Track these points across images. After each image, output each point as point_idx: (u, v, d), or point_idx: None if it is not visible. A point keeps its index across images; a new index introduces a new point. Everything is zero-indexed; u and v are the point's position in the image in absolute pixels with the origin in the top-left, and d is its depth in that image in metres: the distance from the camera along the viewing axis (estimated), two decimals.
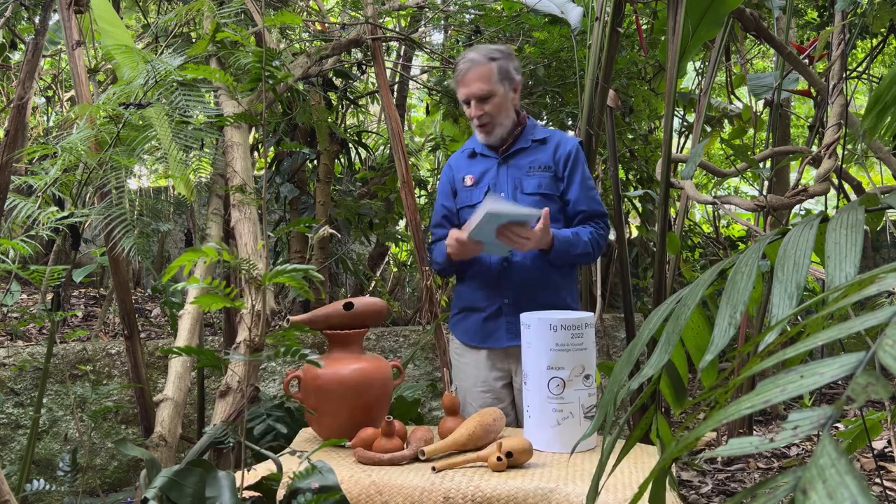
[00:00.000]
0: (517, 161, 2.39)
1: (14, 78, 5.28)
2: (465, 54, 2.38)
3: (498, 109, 2.33)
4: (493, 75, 2.32)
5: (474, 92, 2.31)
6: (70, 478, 1.80)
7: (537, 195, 2.34)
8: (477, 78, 2.31)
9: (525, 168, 2.37)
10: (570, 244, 2.28)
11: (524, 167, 2.37)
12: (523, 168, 2.37)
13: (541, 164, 2.37)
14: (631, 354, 0.98)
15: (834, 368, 0.51)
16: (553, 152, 2.38)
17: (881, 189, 3.06)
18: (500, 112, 2.34)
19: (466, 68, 2.32)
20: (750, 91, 3.56)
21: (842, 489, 0.41)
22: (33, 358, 3.18)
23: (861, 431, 2.29)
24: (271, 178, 4.29)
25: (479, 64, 2.31)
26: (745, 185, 7.04)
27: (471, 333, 2.43)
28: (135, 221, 2.21)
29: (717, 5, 2.53)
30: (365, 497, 1.65)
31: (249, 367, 2.10)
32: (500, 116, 2.34)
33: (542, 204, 2.30)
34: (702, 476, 3.42)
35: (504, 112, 2.35)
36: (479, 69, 2.31)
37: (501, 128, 2.36)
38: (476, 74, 2.31)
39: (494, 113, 2.33)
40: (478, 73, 2.31)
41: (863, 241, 0.80)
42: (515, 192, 2.35)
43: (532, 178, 2.35)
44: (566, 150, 2.38)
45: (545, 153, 2.38)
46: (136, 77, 2.31)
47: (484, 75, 2.31)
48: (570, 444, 1.86)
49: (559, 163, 2.37)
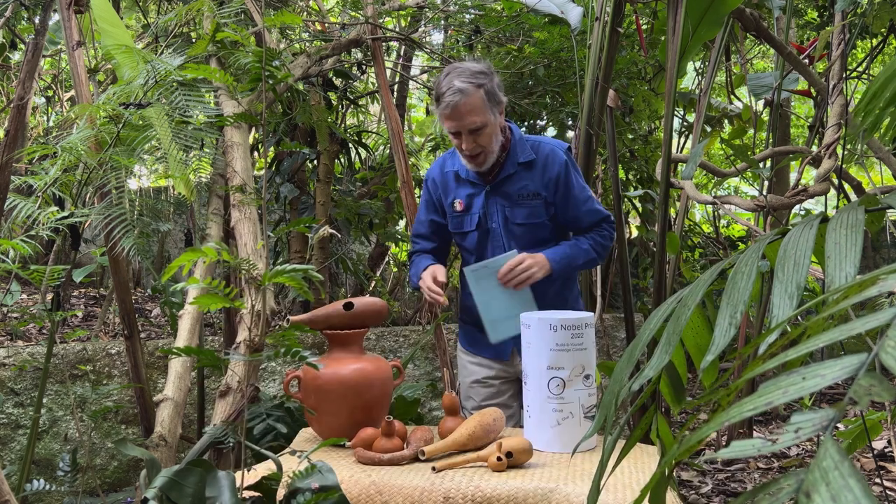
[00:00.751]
0: (505, 189, 2.31)
1: (14, 78, 5.28)
2: (449, 82, 2.17)
3: (489, 140, 2.22)
4: (484, 104, 2.18)
5: (466, 125, 2.17)
6: (70, 478, 1.80)
7: (526, 225, 2.31)
8: (468, 111, 2.16)
9: (514, 196, 2.30)
10: (570, 258, 2.30)
11: (513, 195, 2.30)
12: (512, 196, 2.30)
13: (529, 192, 2.30)
14: (632, 355, 0.98)
15: (835, 370, 0.51)
16: (541, 176, 2.30)
17: (881, 189, 3.06)
18: (491, 142, 2.23)
19: (456, 101, 2.14)
20: (750, 91, 3.56)
21: (846, 492, 0.40)
22: (33, 358, 3.18)
23: (861, 431, 2.29)
24: (271, 178, 4.29)
25: (468, 94, 2.15)
26: (745, 185, 7.04)
27: (474, 344, 2.46)
28: (135, 221, 2.21)
29: (717, 5, 2.53)
30: (365, 497, 1.65)
31: (249, 367, 2.10)
32: (491, 146, 2.24)
33: (531, 233, 2.32)
34: (702, 476, 3.42)
35: (495, 140, 2.25)
36: (469, 100, 2.15)
37: (492, 155, 2.26)
38: (467, 107, 2.15)
39: (486, 144, 2.22)
40: (469, 106, 2.15)
41: (863, 241, 0.80)
42: (506, 223, 2.31)
43: (521, 209, 2.30)
44: (554, 172, 2.30)
45: (533, 179, 2.30)
46: (136, 77, 2.31)
47: (475, 107, 2.16)
48: (570, 444, 1.86)
49: (549, 187, 2.30)
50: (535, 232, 2.32)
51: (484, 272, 2.27)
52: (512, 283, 2.23)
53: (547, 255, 2.26)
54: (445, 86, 2.18)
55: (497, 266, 2.25)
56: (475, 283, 2.27)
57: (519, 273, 2.22)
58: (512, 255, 2.25)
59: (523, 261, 2.23)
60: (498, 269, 2.24)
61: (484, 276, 2.27)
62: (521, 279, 2.22)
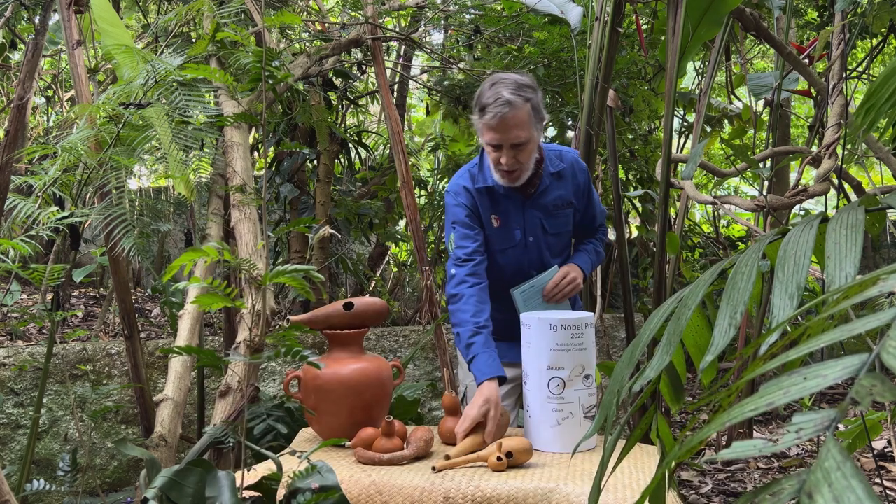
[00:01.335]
0: (542, 201, 2.29)
1: (14, 78, 5.28)
2: (496, 92, 2.08)
3: (529, 156, 2.15)
4: (530, 119, 2.10)
5: (510, 140, 2.09)
6: (70, 478, 1.80)
7: (559, 234, 2.35)
8: (515, 125, 2.07)
9: (549, 207, 2.29)
10: (592, 263, 2.42)
11: (549, 207, 2.29)
12: (548, 208, 2.30)
13: (563, 202, 2.31)
14: (632, 355, 0.98)
15: (837, 370, 0.51)
16: (572, 185, 2.32)
17: (881, 189, 3.06)
18: (530, 158, 2.16)
19: (503, 113, 2.05)
20: (750, 91, 3.56)
21: (848, 493, 0.40)
22: (33, 358, 3.18)
23: (861, 431, 2.29)
24: (271, 178, 4.29)
25: (516, 108, 2.06)
26: (745, 185, 7.04)
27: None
28: (135, 221, 2.21)
29: (717, 5, 2.53)
30: (365, 497, 1.65)
31: (249, 368, 2.10)
32: (529, 162, 2.17)
33: (561, 241, 2.37)
34: (702, 476, 3.42)
35: (533, 157, 2.18)
36: (516, 114, 2.06)
37: (528, 172, 2.19)
38: (514, 121, 2.07)
39: (525, 160, 2.15)
40: (515, 120, 2.07)
41: (863, 241, 0.80)
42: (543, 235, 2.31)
43: (556, 219, 2.31)
44: (581, 179, 2.35)
45: (565, 188, 2.31)
46: (136, 77, 2.31)
47: (522, 122, 2.08)
48: (570, 444, 1.86)
49: (577, 195, 2.35)
50: (563, 240, 2.38)
51: (531, 291, 2.29)
52: (558, 297, 2.27)
53: (578, 264, 2.34)
54: (492, 96, 2.08)
55: (542, 283, 2.27)
56: (523, 303, 2.27)
57: (564, 287, 2.27)
58: (555, 272, 2.28)
59: (567, 275, 2.28)
60: (543, 286, 2.27)
61: (530, 295, 2.29)
62: (566, 293, 2.27)
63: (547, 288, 2.26)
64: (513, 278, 2.31)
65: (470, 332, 2.09)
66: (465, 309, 2.13)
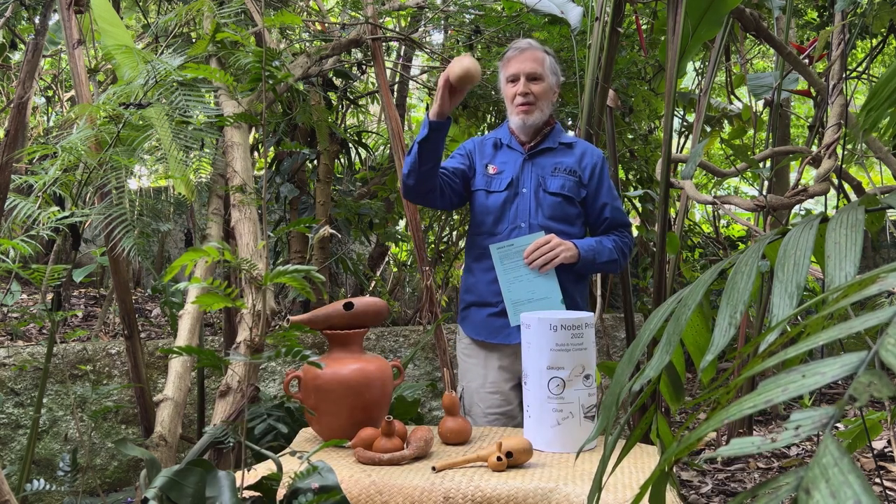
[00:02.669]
0: (542, 160, 2.39)
1: (14, 78, 5.28)
2: (517, 42, 2.43)
3: (543, 94, 2.36)
4: (547, 64, 2.38)
5: (527, 69, 2.35)
6: (70, 478, 1.80)
7: (560, 196, 2.33)
8: (531, 59, 2.35)
9: (549, 168, 2.37)
10: (596, 252, 2.32)
11: (549, 167, 2.37)
12: (548, 167, 2.37)
13: (566, 167, 2.37)
14: (632, 355, 0.98)
15: (835, 368, 0.51)
16: (579, 159, 2.40)
17: (881, 189, 3.06)
18: (543, 98, 2.37)
19: (523, 47, 2.37)
20: (750, 91, 3.56)
21: (845, 488, 0.40)
22: (33, 358, 3.18)
23: (861, 431, 2.29)
24: (271, 178, 4.29)
25: (535, 49, 2.38)
26: (745, 185, 7.04)
27: (479, 328, 2.39)
28: (135, 221, 2.21)
29: (717, 5, 2.53)
30: (365, 497, 1.65)
31: (249, 367, 2.10)
32: (542, 102, 2.37)
33: (561, 207, 2.34)
34: (702, 476, 3.42)
35: (546, 101, 2.38)
36: (535, 53, 2.37)
37: (540, 114, 2.37)
38: (531, 55, 2.36)
39: (539, 95, 2.35)
40: (533, 55, 2.36)
41: (863, 241, 0.80)
42: (538, 190, 2.33)
43: (556, 178, 2.35)
44: (593, 159, 2.40)
45: (571, 157, 2.39)
46: (136, 77, 2.31)
47: (539, 59, 2.36)
48: (570, 444, 1.86)
49: (585, 170, 2.38)
50: (564, 206, 2.34)
51: (510, 250, 2.25)
52: (538, 262, 2.23)
53: (574, 242, 2.29)
54: (514, 42, 2.44)
55: (523, 245, 2.24)
56: (500, 261, 2.25)
57: (546, 252, 2.22)
58: (539, 235, 2.26)
59: (550, 240, 2.24)
60: (523, 248, 2.24)
61: (509, 254, 2.25)
62: (548, 258, 2.22)
63: (528, 249, 2.24)
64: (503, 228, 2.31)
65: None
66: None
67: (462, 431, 1.95)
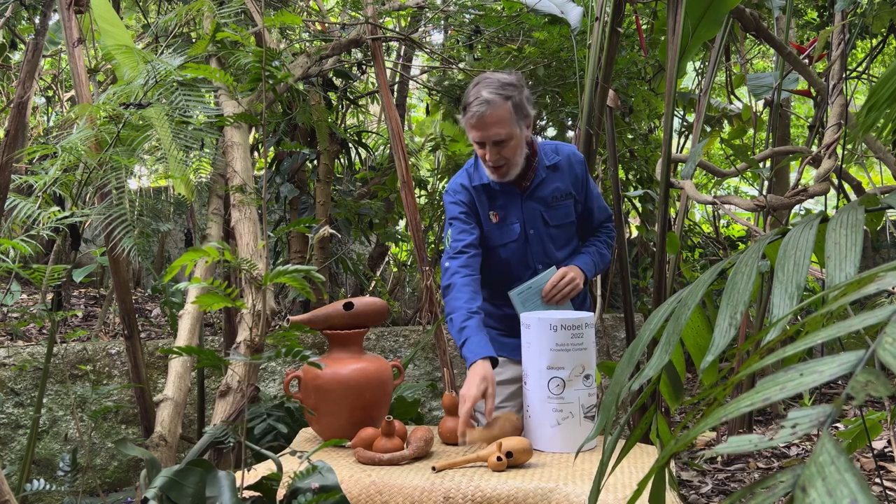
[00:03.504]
0: (540, 194, 2.31)
1: (14, 78, 5.28)
2: (476, 92, 2.17)
3: (514, 152, 2.21)
4: (511, 117, 2.16)
5: (491, 137, 2.16)
6: (70, 478, 1.80)
7: (562, 226, 2.34)
8: (494, 122, 2.14)
9: (549, 199, 2.32)
10: (595, 264, 2.36)
11: (548, 199, 2.32)
12: (547, 199, 2.32)
13: (562, 193, 2.33)
14: (632, 355, 0.98)
15: (833, 366, 0.51)
16: (569, 176, 2.35)
17: (881, 189, 3.06)
18: (516, 154, 2.21)
19: (482, 112, 2.13)
20: (750, 91, 3.56)
21: (841, 486, 0.41)
22: (33, 358, 3.18)
23: (861, 431, 2.29)
24: (271, 178, 4.29)
25: (495, 106, 2.13)
26: (745, 185, 7.04)
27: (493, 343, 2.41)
28: (135, 221, 2.21)
29: (717, 5, 2.53)
30: (365, 497, 1.65)
31: (249, 367, 2.10)
32: (515, 158, 2.22)
33: (565, 234, 2.35)
34: (702, 476, 3.42)
35: (519, 152, 2.23)
36: (495, 112, 2.14)
37: (516, 168, 2.24)
38: (493, 118, 2.14)
39: (510, 156, 2.20)
40: (495, 117, 2.14)
41: (863, 241, 0.80)
42: (544, 227, 2.32)
43: (557, 210, 2.32)
44: (579, 170, 2.37)
45: (562, 180, 2.34)
46: (136, 77, 2.31)
47: (502, 119, 2.15)
48: (570, 444, 1.86)
49: (576, 185, 2.36)
50: (567, 232, 2.36)
51: (528, 293, 2.27)
52: (557, 298, 2.24)
53: (578, 265, 2.30)
54: (473, 96, 2.16)
55: (540, 285, 2.26)
56: (521, 304, 2.26)
57: (563, 288, 2.24)
58: (552, 273, 2.26)
59: (566, 275, 2.25)
60: (541, 288, 2.25)
61: (528, 297, 2.27)
62: (565, 294, 2.24)
63: (545, 289, 2.25)
64: (518, 273, 2.31)
65: (464, 316, 2.11)
66: (458, 297, 2.15)
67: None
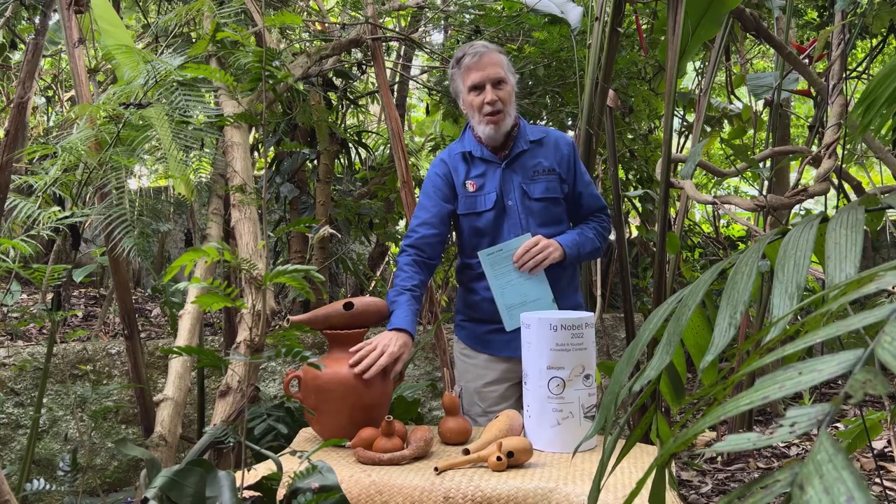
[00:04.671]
0: (521, 164, 2.32)
1: (14, 78, 5.28)
2: (469, 45, 2.33)
3: (510, 98, 2.29)
4: (506, 64, 2.31)
5: (491, 75, 2.26)
6: (70, 478, 1.80)
7: (545, 200, 2.31)
8: (493, 63, 2.27)
9: (530, 171, 2.31)
10: (579, 245, 2.31)
11: (528, 171, 2.31)
12: (528, 171, 2.31)
13: (544, 168, 2.32)
14: (631, 355, 0.98)
15: (832, 365, 0.51)
16: (553, 153, 2.34)
17: (881, 189, 3.06)
18: (509, 102, 2.29)
19: (481, 52, 2.27)
20: (750, 91, 3.57)
21: (839, 484, 0.41)
22: (33, 358, 3.18)
23: (861, 431, 2.29)
24: (271, 178, 4.29)
25: (492, 51, 2.29)
26: (745, 185, 7.04)
27: (477, 340, 2.39)
28: (135, 221, 2.21)
29: (717, 5, 2.53)
30: (365, 497, 1.65)
31: (249, 367, 2.10)
32: (509, 107, 2.29)
33: (548, 210, 2.32)
34: (702, 476, 3.42)
35: (512, 104, 2.31)
36: (494, 56, 2.28)
37: (510, 120, 2.30)
38: (491, 59, 2.27)
39: (506, 101, 2.28)
40: (492, 59, 2.28)
41: (863, 241, 0.80)
42: (523, 199, 2.30)
43: (538, 183, 2.31)
44: (566, 151, 2.36)
45: (546, 156, 2.34)
46: (136, 77, 2.31)
47: (499, 62, 2.29)
48: (570, 444, 1.86)
49: (561, 164, 2.34)
50: (551, 209, 2.32)
51: (499, 256, 2.24)
52: (528, 264, 2.22)
53: (559, 240, 2.27)
54: (467, 48, 2.32)
55: (512, 249, 2.23)
56: (490, 267, 2.24)
57: (535, 254, 2.21)
58: (526, 238, 2.24)
59: (538, 242, 2.22)
60: (512, 251, 2.23)
61: (499, 259, 2.24)
62: (538, 260, 2.21)
63: (517, 253, 2.22)
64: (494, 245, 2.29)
65: (397, 292, 2.23)
66: (399, 276, 2.29)
67: (462, 431, 1.95)
